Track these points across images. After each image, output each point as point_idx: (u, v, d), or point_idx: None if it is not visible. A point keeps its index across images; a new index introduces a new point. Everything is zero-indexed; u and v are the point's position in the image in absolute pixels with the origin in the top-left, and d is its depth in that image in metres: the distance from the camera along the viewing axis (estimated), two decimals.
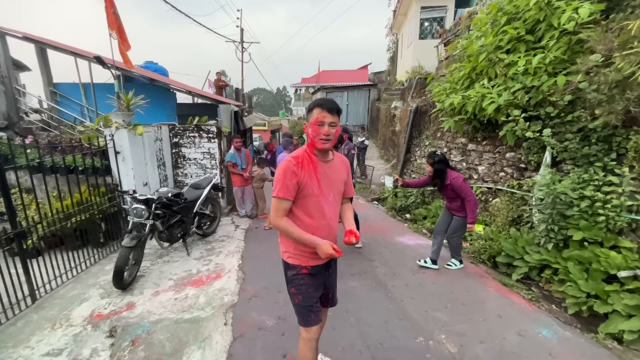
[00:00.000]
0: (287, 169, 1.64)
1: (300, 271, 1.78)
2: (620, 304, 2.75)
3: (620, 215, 3.08)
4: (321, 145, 1.66)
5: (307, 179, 1.66)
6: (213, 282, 3.65)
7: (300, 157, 1.69)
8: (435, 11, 13.47)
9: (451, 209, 3.79)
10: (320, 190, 1.71)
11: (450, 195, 3.70)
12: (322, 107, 1.63)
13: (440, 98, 5.50)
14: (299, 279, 1.79)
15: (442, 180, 3.63)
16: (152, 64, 10.05)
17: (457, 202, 3.68)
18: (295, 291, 1.81)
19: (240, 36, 19.54)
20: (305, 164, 1.68)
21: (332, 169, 1.77)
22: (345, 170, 1.88)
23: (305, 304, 1.79)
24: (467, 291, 3.33)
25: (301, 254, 1.77)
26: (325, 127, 1.63)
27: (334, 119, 1.64)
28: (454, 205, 3.72)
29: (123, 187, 4.72)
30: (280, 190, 1.64)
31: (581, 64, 3.61)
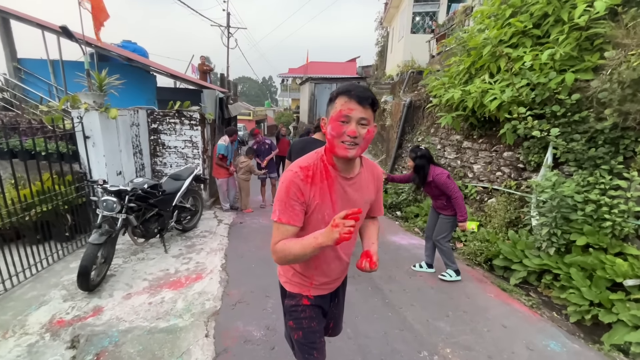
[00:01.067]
0: (291, 185, 1.19)
1: (300, 301, 1.42)
2: (627, 314, 2.63)
3: (627, 221, 2.96)
4: (343, 151, 1.15)
5: (317, 199, 1.21)
6: (193, 284, 3.31)
7: (311, 167, 1.22)
8: (428, 5, 13.27)
9: (437, 207, 3.57)
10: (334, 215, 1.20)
11: (433, 193, 3.48)
12: (350, 96, 1.12)
13: (438, 92, 5.29)
14: (299, 312, 1.42)
15: (424, 176, 3.39)
16: (130, 44, 9.34)
17: (441, 200, 3.45)
18: (294, 325, 1.44)
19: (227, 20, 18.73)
20: (317, 179, 1.22)
21: (355, 188, 1.29)
22: (374, 187, 1.39)
23: (306, 341, 1.43)
24: (468, 297, 3.16)
25: (301, 282, 1.42)
26: (352, 124, 1.13)
27: (366, 113, 1.13)
28: (439, 204, 3.50)
29: (93, 176, 4.26)
30: (283, 214, 1.19)
31: (590, 62, 3.46)
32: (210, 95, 6.40)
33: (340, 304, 1.66)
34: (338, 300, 1.61)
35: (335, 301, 1.59)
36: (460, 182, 5.33)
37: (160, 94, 8.53)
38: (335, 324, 1.66)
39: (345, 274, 1.55)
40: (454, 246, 4.62)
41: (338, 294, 1.59)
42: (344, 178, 1.25)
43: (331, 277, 1.43)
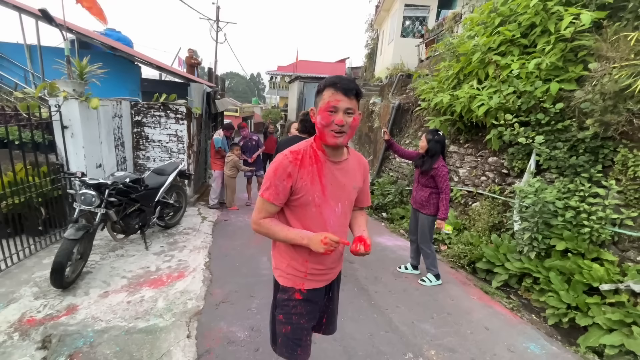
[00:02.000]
0: (280, 167, 1.28)
1: (292, 295, 1.42)
2: (602, 317, 2.73)
3: (604, 227, 3.07)
4: (332, 139, 1.25)
5: (306, 182, 1.29)
6: (175, 282, 3.21)
7: (300, 152, 1.31)
8: (418, 10, 13.45)
9: (416, 202, 3.51)
10: (324, 199, 1.33)
11: (425, 183, 3.41)
12: (336, 88, 1.22)
13: (427, 96, 5.35)
14: (290, 306, 1.42)
15: (432, 161, 3.31)
16: (114, 32, 8.98)
17: (425, 193, 3.40)
18: (283, 319, 1.44)
19: (216, 14, 18.36)
20: (307, 162, 1.30)
21: (343, 172, 1.38)
22: (361, 173, 1.48)
23: (293, 337, 1.43)
24: (452, 299, 3.20)
25: (294, 273, 1.42)
26: (339, 114, 1.23)
27: (351, 103, 1.23)
28: (420, 197, 3.44)
29: (70, 168, 4.07)
30: (267, 191, 1.30)
31: (574, 72, 3.57)
32: (197, 89, 6.24)
33: (335, 300, 1.66)
34: (332, 295, 1.61)
35: (330, 295, 1.59)
36: None
37: (145, 86, 8.26)
38: (328, 320, 1.65)
39: (340, 266, 1.55)
40: (438, 248, 4.68)
41: (333, 288, 1.59)
42: (332, 162, 1.34)
43: (325, 264, 1.43)
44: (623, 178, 3.09)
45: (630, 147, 3.06)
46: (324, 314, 1.61)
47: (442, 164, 3.33)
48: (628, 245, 3.02)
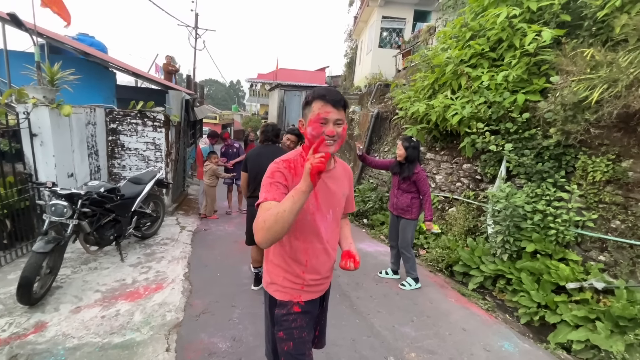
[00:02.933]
0: (276, 171, 1.29)
1: (291, 309, 1.40)
2: (569, 314, 2.89)
3: (568, 229, 3.28)
4: (324, 148, 1.24)
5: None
6: (153, 294, 3.12)
7: (292, 161, 1.33)
8: (395, 22, 13.92)
9: (397, 208, 3.56)
10: (317, 207, 1.34)
11: (406, 189, 3.48)
12: (325, 100, 1.26)
13: (404, 105, 5.53)
14: (290, 321, 1.40)
15: (412, 167, 3.42)
16: (87, 37, 8.71)
17: (406, 198, 3.47)
18: (284, 336, 1.40)
19: (195, 21, 18.21)
20: (299, 170, 1.30)
21: (333, 180, 1.40)
22: (347, 181, 1.52)
23: (296, 353, 1.39)
24: (431, 302, 3.29)
25: (291, 286, 1.40)
26: (329, 125, 1.26)
27: (340, 114, 1.28)
28: (402, 202, 3.51)
29: (40, 178, 3.89)
30: (268, 193, 1.23)
31: (537, 85, 3.82)
32: (176, 97, 6.15)
33: (326, 312, 1.66)
34: (325, 306, 1.62)
35: (323, 305, 1.60)
36: None
37: (120, 93, 8.03)
38: (321, 332, 1.65)
39: (332, 275, 1.56)
40: (417, 253, 4.80)
41: (325, 298, 1.60)
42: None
43: (321, 273, 1.44)
44: (584, 183, 3.32)
45: (589, 154, 3.30)
46: (317, 325, 1.61)
47: (421, 169, 3.47)
48: (590, 245, 3.24)
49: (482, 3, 4.77)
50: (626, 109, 2.85)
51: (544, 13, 4.06)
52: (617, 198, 3.06)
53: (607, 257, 3.09)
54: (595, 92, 3.04)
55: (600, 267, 3.08)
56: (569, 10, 3.92)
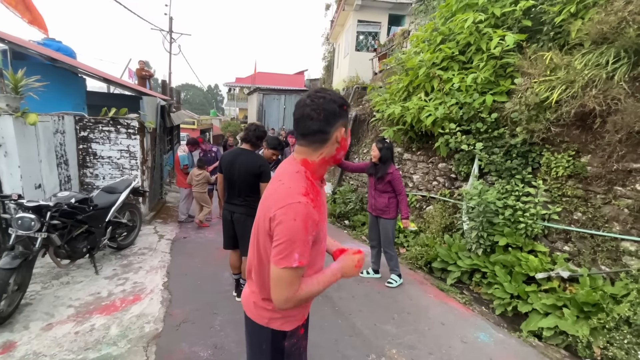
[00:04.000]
0: (308, 219, 1.04)
1: (298, 333, 1.27)
2: (539, 303, 3.05)
3: (536, 222, 3.46)
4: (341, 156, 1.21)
5: (322, 221, 1.14)
6: (130, 306, 3.03)
7: (309, 190, 1.10)
8: (370, 26, 14.20)
9: (376, 209, 3.64)
10: (325, 231, 1.22)
11: (383, 189, 3.56)
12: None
13: (380, 108, 5.66)
14: (299, 347, 1.28)
15: (386, 167, 3.50)
16: (54, 42, 8.34)
17: (384, 199, 3.55)
18: None
19: (169, 25, 17.84)
20: (318, 199, 1.12)
21: (323, 192, 1.25)
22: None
23: None
24: (411, 299, 3.37)
25: (300, 310, 1.25)
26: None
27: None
28: (380, 203, 3.59)
29: (4, 190, 3.70)
30: (303, 255, 1.04)
31: (504, 86, 4.02)
32: (150, 103, 6.00)
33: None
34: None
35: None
36: None
37: (92, 99, 7.74)
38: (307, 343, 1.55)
39: None
40: (398, 251, 4.91)
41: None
42: (320, 185, 1.22)
43: None
44: (548, 178, 3.52)
45: (552, 151, 3.51)
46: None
47: (395, 168, 3.57)
48: (556, 237, 3.43)
49: (450, 9, 4.98)
50: (582, 108, 3.05)
51: (507, 19, 4.28)
52: (578, 191, 3.26)
53: (571, 247, 3.28)
54: (554, 93, 3.24)
55: (565, 256, 3.27)
56: (529, 16, 4.16)
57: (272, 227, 1.06)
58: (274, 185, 1.17)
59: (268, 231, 1.09)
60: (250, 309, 1.26)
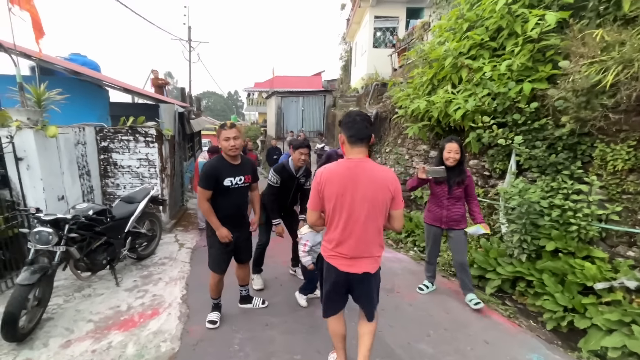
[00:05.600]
0: None
1: None
2: (600, 318, 2.64)
3: (591, 224, 3.03)
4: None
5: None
6: (148, 321, 2.91)
7: None
8: (388, 21, 13.80)
9: (450, 220, 3.14)
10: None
11: (460, 195, 3.11)
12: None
13: (404, 103, 5.33)
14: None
15: (463, 169, 3.06)
16: (80, 57, 8.67)
17: (460, 207, 3.13)
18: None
19: (188, 34, 18.26)
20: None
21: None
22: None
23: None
24: (447, 312, 3.04)
25: None
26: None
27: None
28: (456, 213, 3.12)
29: (28, 203, 3.72)
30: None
31: (544, 72, 3.60)
32: (168, 110, 6.00)
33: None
34: None
35: None
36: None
37: (115, 110, 7.92)
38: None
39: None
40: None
41: None
42: None
43: None
44: (603, 173, 3.08)
45: (607, 142, 3.07)
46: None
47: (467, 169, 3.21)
48: (616, 240, 2.98)
49: None
50: None
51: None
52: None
53: (637, 253, 2.83)
54: (609, 75, 2.82)
55: (630, 263, 2.82)
56: None
57: (393, 190, 1.85)
58: (381, 173, 1.87)
59: (391, 193, 1.85)
60: (375, 267, 1.99)
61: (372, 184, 1.81)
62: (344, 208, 1.83)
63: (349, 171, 1.83)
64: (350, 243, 1.87)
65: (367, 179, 1.81)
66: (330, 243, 1.94)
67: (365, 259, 1.92)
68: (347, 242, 1.88)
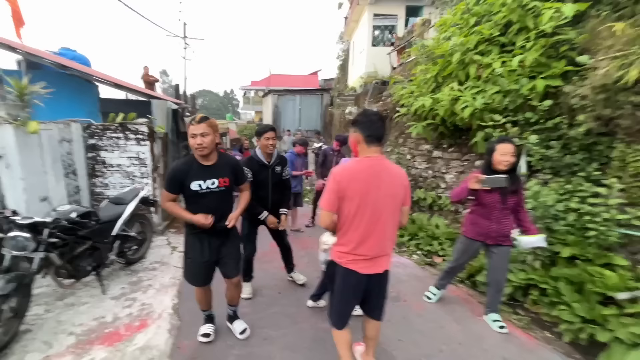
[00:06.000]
0: None
1: None
2: (624, 331, 2.46)
3: (611, 229, 2.85)
4: None
5: None
6: (135, 334, 2.67)
7: None
8: (387, 19, 13.62)
9: (500, 235, 2.69)
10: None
11: (513, 206, 2.66)
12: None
13: (407, 101, 5.13)
14: None
15: (517, 176, 2.66)
16: (69, 51, 8.36)
17: (510, 219, 2.69)
18: None
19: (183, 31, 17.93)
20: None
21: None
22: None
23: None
24: (458, 323, 2.84)
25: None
26: None
27: None
28: (507, 226, 2.68)
29: (8, 204, 3.46)
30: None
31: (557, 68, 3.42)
32: (160, 107, 5.74)
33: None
34: None
35: None
36: (433, 192, 5.16)
37: (106, 107, 7.62)
38: None
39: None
40: (432, 261, 4.37)
41: None
42: None
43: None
44: (624, 175, 2.91)
45: (627, 142, 2.89)
46: None
47: None
48: (639, 247, 2.81)
49: None
50: None
51: None
52: None
53: None
54: (632, 70, 2.64)
55: None
56: None
57: (406, 185, 1.92)
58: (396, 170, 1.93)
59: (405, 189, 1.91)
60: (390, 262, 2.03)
61: (393, 181, 1.84)
62: (367, 206, 1.79)
63: (372, 169, 1.80)
64: (371, 242, 1.84)
65: (389, 176, 1.83)
66: (348, 245, 1.87)
67: (384, 256, 1.93)
68: (367, 242, 1.84)
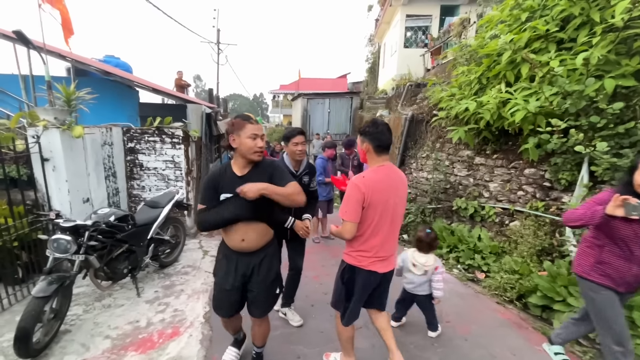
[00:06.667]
0: None
1: None
2: None
3: None
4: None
5: None
6: (167, 343, 2.63)
7: None
8: (420, 20, 13.23)
9: (638, 281, 2.00)
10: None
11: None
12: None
13: (447, 104, 4.83)
14: None
15: None
16: (113, 59, 8.82)
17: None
18: None
19: (217, 37, 18.48)
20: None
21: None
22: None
23: None
24: (513, 354, 2.54)
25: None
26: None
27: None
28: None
29: (53, 205, 3.60)
30: None
31: (630, 66, 3.02)
32: (195, 111, 5.83)
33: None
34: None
35: None
36: (475, 202, 4.79)
37: (145, 111, 7.95)
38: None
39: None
40: (475, 277, 4.04)
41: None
42: None
43: None
44: None
45: None
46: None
47: None
48: None
49: None
50: None
51: None
52: None
53: None
54: None
55: None
56: None
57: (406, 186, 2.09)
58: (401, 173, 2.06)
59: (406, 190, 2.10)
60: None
61: (403, 185, 2.01)
62: (388, 213, 1.91)
63: (388, 177, 1.93)
64: (389, 244, 2.00)
65: (400, 182, 1.99)
66: (371, 251, 1.96)
67: (394, 255, 2.09)
68: (386, 245, 1.97)
